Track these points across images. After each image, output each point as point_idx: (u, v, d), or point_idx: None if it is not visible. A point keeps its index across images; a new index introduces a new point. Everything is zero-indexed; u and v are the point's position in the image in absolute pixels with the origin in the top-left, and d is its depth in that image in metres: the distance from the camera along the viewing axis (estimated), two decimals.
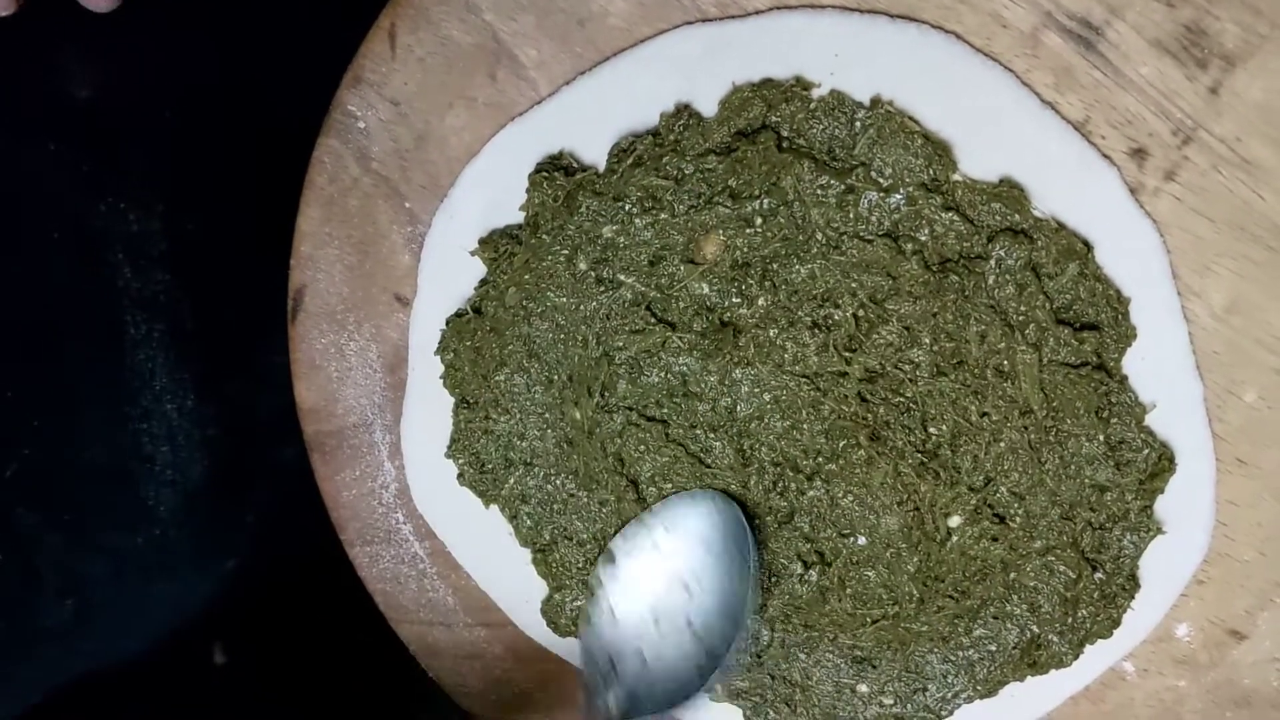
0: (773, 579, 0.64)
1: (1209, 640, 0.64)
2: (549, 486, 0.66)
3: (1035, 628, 0.63)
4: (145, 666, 0.92)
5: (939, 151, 0.59)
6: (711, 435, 0.63)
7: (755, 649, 0.66)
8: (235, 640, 0.95)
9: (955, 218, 0.59)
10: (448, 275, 0.67)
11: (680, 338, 0.62)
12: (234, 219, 0.86)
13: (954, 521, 0.62)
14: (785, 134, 0.60)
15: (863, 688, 0.66)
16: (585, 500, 0.66)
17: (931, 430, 0.61)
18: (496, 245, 0.65)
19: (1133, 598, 0.62)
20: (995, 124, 0.58)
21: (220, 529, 0.91)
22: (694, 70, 0.61)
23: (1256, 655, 0.63)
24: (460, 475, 0.67)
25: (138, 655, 0.91)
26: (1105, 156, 0.58)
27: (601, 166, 0.63)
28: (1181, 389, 0.60)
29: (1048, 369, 0.59)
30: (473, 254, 0.65)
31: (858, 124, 0.59)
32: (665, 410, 0.63)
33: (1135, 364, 0.60)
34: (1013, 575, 0.62)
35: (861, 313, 0.60)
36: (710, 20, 0.60)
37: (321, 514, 0.74)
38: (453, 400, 0.67)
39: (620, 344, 0.62)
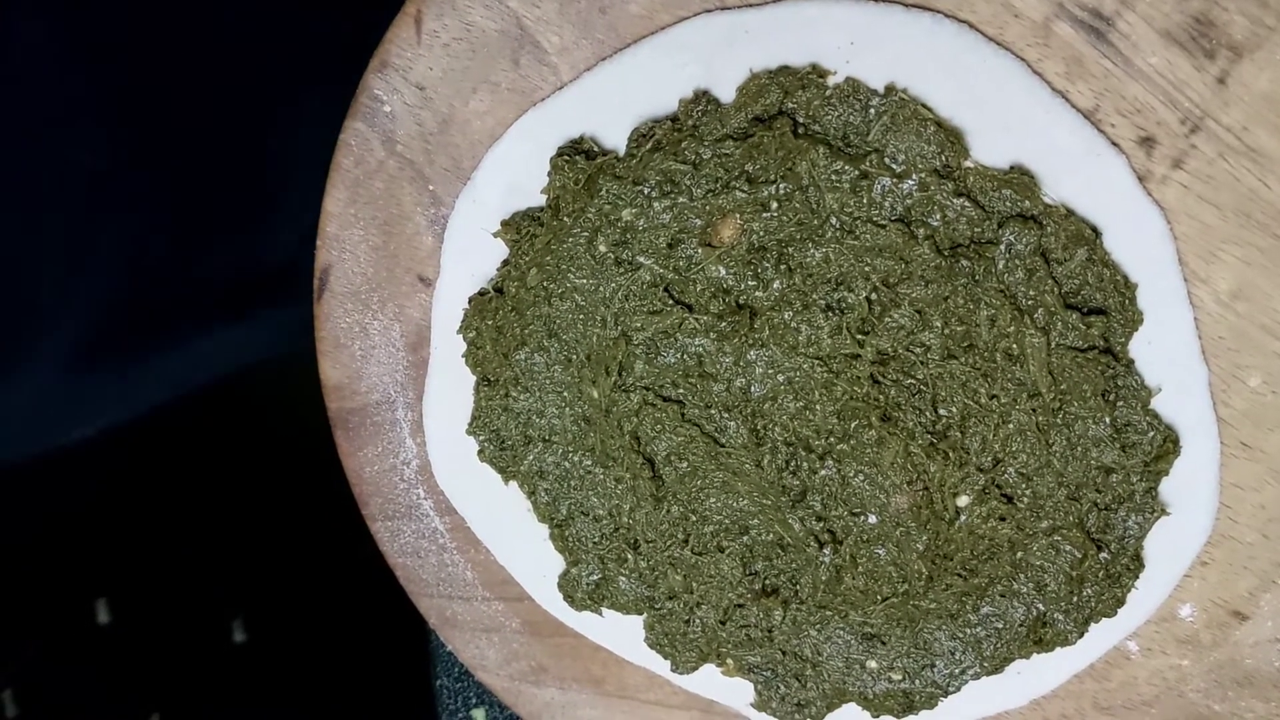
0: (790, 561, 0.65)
1: (1212, 621, 0.64)
2: (566, 463, 0.66)
3: (1041, 606, 0.63)
4: (166, 644, 0.93)
5: (951, 138, 0.59)
6: (726, 415, 0.63)
7: (767, 625, 0.66)
8: (255, 617, 0.95)
9: (966, 203, 0.59)
10: (470, 256, 0.67)
11: (697, 319, 0.62)
12: (260, 200, 0.87)
13: (962, 501, 0.62)
14: (801, 120, 0.60)
15: (872, 664, 0.66)
16: (602, 477, 0.66)
17: (941, 412, 0.61)
18: (518, 227, 0.65)
19: (1137, 577, 0.63)
20: (1006, 112, 0.59)
21: (239, 505, 0.92)
22: (712, 57, 0.61)
23: (1258, 636, 0.64)
24: (480, 451, 0.68)
25: (158, 633, 0.92)
26: (1114, 144, 0.58)
27: (621, 151, 0.63)
28: (1187, 373, 0.60)
29: (1056, 352, 0.60)
30: (495, 236, 0.66)
31: (872, 111, 0.59)
32: (681, 390, 0.63)
33: (1141, 348, 0.60)
34: (1020, 554, 0.62)
35: (874, 296, 0.60)
36: (729, 8, 0.61)
37: (342, 490, 0.74)
38: (474, 378, 0.68)
39: (638, 325, 0.63)
